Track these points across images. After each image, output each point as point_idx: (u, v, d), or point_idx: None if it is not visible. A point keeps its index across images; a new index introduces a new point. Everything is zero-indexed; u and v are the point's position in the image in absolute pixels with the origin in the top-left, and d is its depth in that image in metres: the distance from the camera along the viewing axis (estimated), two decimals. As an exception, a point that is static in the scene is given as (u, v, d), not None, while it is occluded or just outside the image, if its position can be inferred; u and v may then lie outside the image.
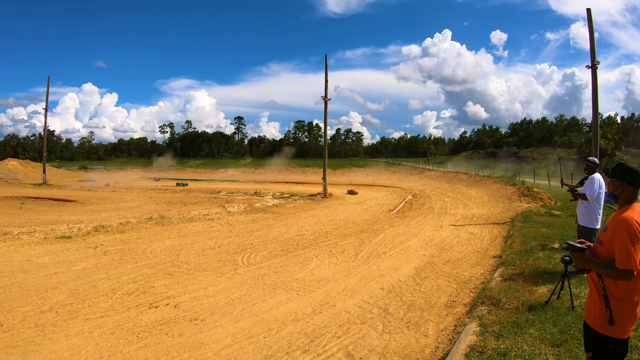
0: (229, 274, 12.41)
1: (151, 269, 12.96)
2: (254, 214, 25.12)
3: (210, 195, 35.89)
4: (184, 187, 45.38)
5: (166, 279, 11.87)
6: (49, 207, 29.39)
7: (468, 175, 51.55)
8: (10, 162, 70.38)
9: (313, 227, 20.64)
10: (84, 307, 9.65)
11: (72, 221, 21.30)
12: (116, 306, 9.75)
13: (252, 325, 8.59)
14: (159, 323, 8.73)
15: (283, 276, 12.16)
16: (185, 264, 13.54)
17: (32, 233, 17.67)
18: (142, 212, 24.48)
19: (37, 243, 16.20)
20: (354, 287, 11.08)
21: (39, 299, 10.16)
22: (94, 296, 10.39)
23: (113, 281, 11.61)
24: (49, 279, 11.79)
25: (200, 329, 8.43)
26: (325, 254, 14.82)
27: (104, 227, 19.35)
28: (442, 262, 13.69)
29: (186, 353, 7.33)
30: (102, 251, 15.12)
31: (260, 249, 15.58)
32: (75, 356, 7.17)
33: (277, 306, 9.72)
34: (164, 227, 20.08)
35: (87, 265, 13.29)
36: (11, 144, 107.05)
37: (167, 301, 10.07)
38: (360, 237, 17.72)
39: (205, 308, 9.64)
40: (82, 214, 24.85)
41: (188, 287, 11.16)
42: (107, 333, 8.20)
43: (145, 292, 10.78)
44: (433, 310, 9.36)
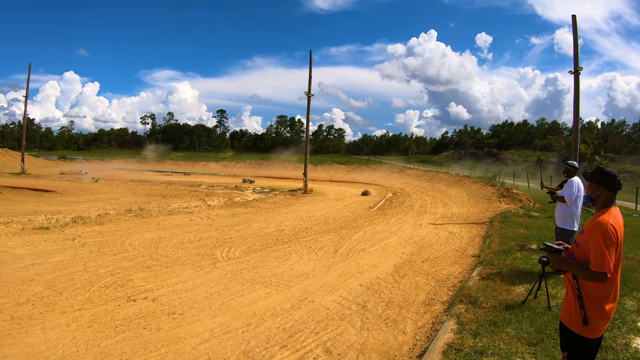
0: (208, 268, 12.38)
1: (130, 261, 12.85)
2: (234, 208, 25.03)
3: (190, 188, 35.54)
4: (165, 180, 44.79)
5: (145, 272, 11.79)
6: (27, 197, 28.72)
7: (448, 174, 52.13)
8: (-13, 150, 68.55)
9: (293, 222, 20.66)
10: (61, 300, 9.54)
11: (50, 212, 20.87)
12: (94, 299, 9.66)
13: (231, 320, 8.61)
14: (137, 317, 8.68)
15: (262, 271, 12.18)
16: (164, 257, 13.46)
17: (9, 223, 17.30)
18: (121, 204, 24.15)
19: (14, 234, 15.89)
20: (332, 284, 11.14)
21: (15, 290, 10.00)
22: (71, 289, 10.27)
23: (91, 274, 11.48)
24: (25, 270, 11.59)
25: (178, 323, 8.41)
26: (305, 250, 14.85)
27: (82, 219, 19.07)
28: (421, 260, 13.79)
29: (164, 347, 7.31)
30: (80, 243, 14.91)
31: (239, 244, 15.55)
32: (51, 350, 7.11)
33: (255, 301, 9.75)
34: (143, 219, 19.89)
35: (64, 257, 13.10)
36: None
37: (145, 295, 10.02)
38: (340, 234, 17.77)
39: (184, 302, 9.61)
40: (61, 205, 24.38)
41: (167, 281, 11.09)
42: (84, 326, 8.14)
43: (124, 285, 10.70)
44: (411, 307, 9.46)
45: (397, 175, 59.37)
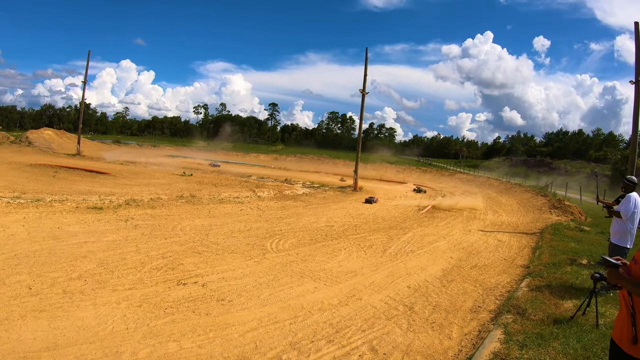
0: (258, 258, 12.69)
1: (180, 246, 13.32)
2: (284, 200, 25.41)
3: (241, 178, 36.41)
4: (215, 168, 46.08)
5: (195, 258, 12.18)
6: (82, 177, 30.51)
7: (499, 181, 51.20)
8: (45, 131, 73.14)
9: (342, 219, 20.87)
10: (112, 278, 10.04)
11: (103, 193, 22.02)
12: (144, 280, 10.11)
13: (279, 310, 8.81)
14: (187, 300, 9.00)
15: (311, 265, 12.39)
16: (215, 245, 13.85)
17: (64, 201, 18.38)
18: (173, 190, 25.10)
19: (69, 211, 16.87)
20: (380, 283, 11.24)
21: (68, 266, 10.62)
22: (123, 268, 10.80)
23: (142, 255, 12.03)
24: (79, 247, 12.30)
25: (227, 309, 8.68)
26: (354, 247, 15.04)
27: (135, 201, 19.95)
28: (469, 267, 13.74)
29: (212, 332, 7.55)
30: (133, 224, 15.61)
31: (289, 236, 15.85)
32: (102, 325, 7.47)
33: (304, 294, 9.94)
34: (194, 206, 20.54)
35: (117, 237, 13.78)
36: (47, 114, 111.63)
37: (195, 279, 10.36)
38: (389, 234, 17.89)
39: (233, 289, 9.90)
40: (114, 187, 25.67)
41: (216, 268, 11.45)
42: (134, 305, 8.51)
43: (174, 268, 11.13)
44: (458, 313, 9.43)
45: (447, 179, 58.50)
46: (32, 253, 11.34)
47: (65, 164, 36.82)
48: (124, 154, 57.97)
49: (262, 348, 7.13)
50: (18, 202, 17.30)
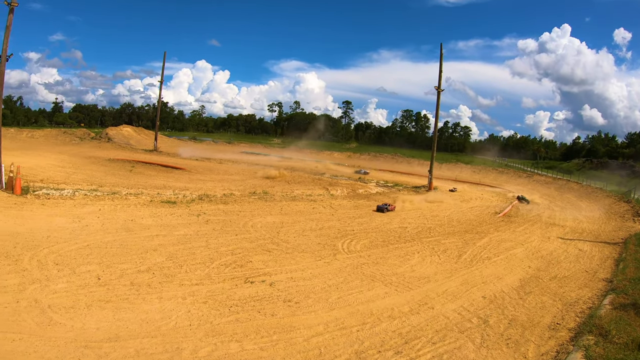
0: (328, 259, 12.52)
1: (250, 243, 13.40)
2: (357, 199, 25.12)
3: (314, 176, 36.52)
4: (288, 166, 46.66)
5: (264, 256, 12.18)
6: (158, 172, 32.01)
7: (579, 185, 47.62)
8: (124, 128, 78.10)
9: (416, 220, 20.35)
10: (180, 273, 10.23)
11: (178, 187, 22.84)
12: (212, 276, 10.21)
13: (347, 315, 8.60)
14: (253, 299, 8.95)
15: (383, 268, 12.09)
16: (285, 243, 13.81)
17: (139, 195, 19.22)
18: (246, 186, 25.54)
19: (143, 205, 17.61)
20: (454, 291, 10.84)
21: (138, 258, 10.99)
22: (191, 263, 11.00)
23: (212, 250, 12.21)
24: (150, 240, 12.72)
25: (293, 311, 8.55)
26: (427, 251, 14.63)
27: (208, 197, 20.48)
28: (548, 278, 12.92)
29: (276, 334, 7.44)
30: (204, 220, 15.97)
31: (361, 237, 15.59)
32: (165, 320, 7.54)
33: (373, 299, 9.68)
34: (267, 202, 20.73)
35: (188, 231, 14.14)
36: (127, 112, 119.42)
37: (263, 278, 10.30)
38: (464, 238, 17.26)
39: (301, 290, 9.77)
40: (188, 182, 26.59)
41: (285, 267, 11.39)
42: (199, 301, 8.57)
43: (243, 265, 11.17)
44: (535, 330, 8.85)
45: (524, 181, 55.42)
46: (104, 244, 11.85)
47: (142, 159, 38.85)
48: (199, 150, 60.35)
49: (327, 355, 6.95)
50: (95, 194, 18.32)
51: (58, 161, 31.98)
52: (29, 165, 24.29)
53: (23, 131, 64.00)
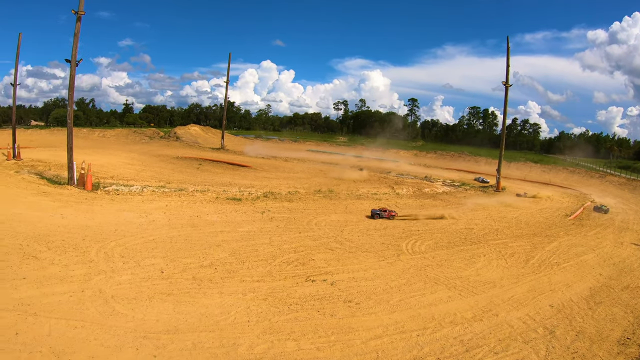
0: (391, 259, 12.34)
1: (314, 241, 13.43)
2: (423, 199, 24.57)
3: (380, 174, 36.18)
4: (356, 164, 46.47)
5: (327, 254, 12.17)
6: (224, 170, 32.92)
7: None
8: (192, 127, 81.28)
9: (483, 221, 19.55)
10: (242, 269, 10.45)
11: (243, 185, 23.37)
12: (273, 273, 10.34)
13: (407, 319, 8.46)
14: (313, 298, 8.97)
15: (447, 271, 11.80)
16: (348, 242, 13.73)
17: (206, 192, 19.82)
18: (311, 184, 25.69)
19: (209, 201, 18.14)
20: (520, 298, 10.40)
21: (201, 253, 11.34)
22: (254, 259, 11.22)
23: (275, 248, 12.38)
24: (214, 236, 13.09)
25: (353, 312, 8.48)
26: (494, 254, 14.10)
27: (273, 194, 20.78)
28: (619, 287, 12.09)
29: (334, 335, 7.42)
30: (269, 217, 16.21)
31: (425, 238, 15.26)
32: (224, 315, 7.70)
33: (436, 303, 9.48)
34: (331, 200, 20.73)
35: (252, 228, 14.42)
36: (195, 112, 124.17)
37: (324, 277, 10.30)
38: (533, 241, 16.48)
39: (362, 291, 9.67)
40: (254, 179, 27.12)
41: (348, 266, 11.32)
42: (259, 298, 8.69)
43: (305, 264, 11.22)
44: (604, 344, 8.35)
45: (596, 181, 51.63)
46: (169, 239, 12.32)
47: (209, 157, 40.09)
48: (265, 148, 61.52)
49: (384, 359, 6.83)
50: (162, 191, 19.10)
51: (128, 159, 33.70)
52: (100, 163, 25.75)
53: (95, 131, 68.16)
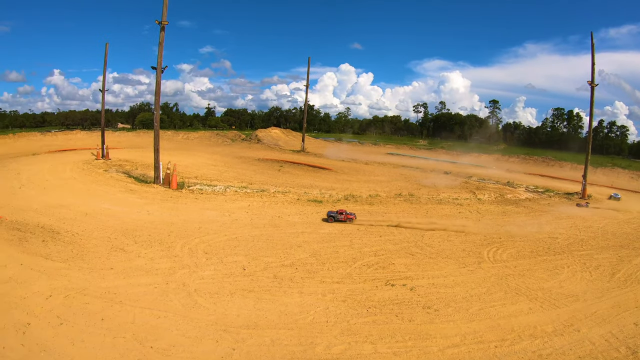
0: (472, 267, 11.99)
1: (394, 245, 13.32)
2: (505, 205, 23.53)
3: (461, 179, 35.16)
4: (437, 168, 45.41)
5: (407, 259, 12.02)
6: (305, 172, 33.38)
7: None
8: (273, 130, 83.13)
9: (567, 230, 18.34)
10: (322, 270, 10.58)
11: (324, 187, 23.59)
12: (353, 275, 10.38)
13: (486, 329, 8.20)
14: (392, 302, 8.90)
15: (529, 282, 11.26)
16: (429, 247, 13.47)
17: (287, 193, 20.22)
18: (392, 188, 25.46)
19: (290, 203, 18.50)
20: (604, 314, 9.71)
21: (283, 253, 11.61)
22: (334, 261, 11.31)
23: (355, 250, 12.40)
24: (295, 236, 13.36)
25: (431, 319, 8.35)
26: (578, 266, 13.25)
27: (353, 197, 20.83)
28: None
29: (411, 341, 7.33)
30: (349, 220, 16.19)
31: (507, 246, 14.62)
32: (303, 314, 7.82)
33: (516, 314, 9.08)
34: (412, 205, 20.43)
35: (332, 230, 14.55)
36: (275, 115, 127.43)
37: (404, 282, 10.17)
38: (619, 254, 15.28)
39: (441, 298, 9.49)
40: (335, 182, 27.28)
41: (428, 272, 11.13)
42: (338, 299, 8.75)
43: (385, 267, 11.16)
44: None
45: None
46: (251, 237, 12.72)
47: (290, 160, 40.81)
48: (345, 151, 61.70)
49: (461, 369, 6.61)
50: (245, 191, 19.72)
51: (211, 160, 35.12)
52: (184, 164, 27.05)
53: (179, 133, 71.65)
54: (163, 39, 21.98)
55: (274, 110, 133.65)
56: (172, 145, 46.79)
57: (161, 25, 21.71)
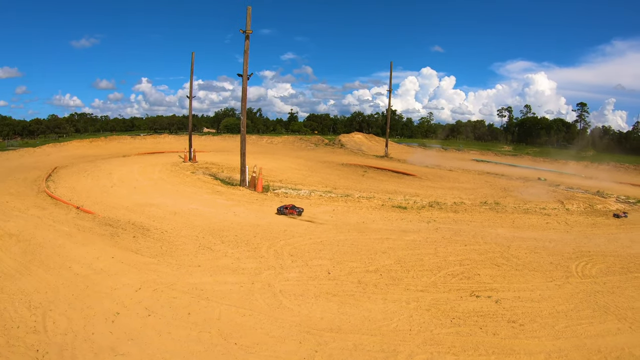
0: (559, 281, 11.42)
1: (479, 255, 13.00)
2: (595, 216, 22.00)
3: (548, 187, 33.40)
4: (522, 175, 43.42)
5: (493, 270, 11.71)
6: (389, 177, 33.33)
7: None
8: (356, 135, 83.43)
9: None
10: (407, 277, 10.58)
11: (408, 193, 23.45)
12: (438, 284, 10.28)
13: (571, 348, 7.81)
14: (476, 314, 8.75)
15: (618, 300, 10.48)
16: (515, 258, 13.01)
17: (371, 199, 20.32)
18: (477, 195, 24.84)
19: (374, 208, 18.58)
20: None
21: (367, 258, 11.73)
22: (418, 269, 11.25)
23: (440, 259, 12.26)
24: (380, 242, 13.41)
25: (516, 333, 8.12)
26: None
27: (438, 204, 20.54)
28: None
29: (494, 355, 7.21)
30: (434, 227, 16.09)
31: (597, 260, 13.66)
32: (387, 320, 7.91)
33: (603, 334, 8.53)
34: (498, 214, 19.80)
35: (417, 237, 14.44)
36: (357, 120, 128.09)
37: (489, 293, 9.95)
38: None
39: (527, 312, 9.16)
40: (419, 188, 27.03)
41: (514, 284, 10.78)
42: (422, 308, 8.74)
43: (470, 278, 10.96)
44: None
45: None
46: (336, 242, 12.96)
47: (374, 165, 40.80)
48: (428, 157, 60.66)
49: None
50: (329, 195, 20.05)
51: (295, 164, 35.88)
52: (269, 167, 27.89)
53: (263, 138, 73.73)
54: (248, 47, 22.93)
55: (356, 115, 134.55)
56: (257, 149, 48.34)
57: (245, 34, 22.66)
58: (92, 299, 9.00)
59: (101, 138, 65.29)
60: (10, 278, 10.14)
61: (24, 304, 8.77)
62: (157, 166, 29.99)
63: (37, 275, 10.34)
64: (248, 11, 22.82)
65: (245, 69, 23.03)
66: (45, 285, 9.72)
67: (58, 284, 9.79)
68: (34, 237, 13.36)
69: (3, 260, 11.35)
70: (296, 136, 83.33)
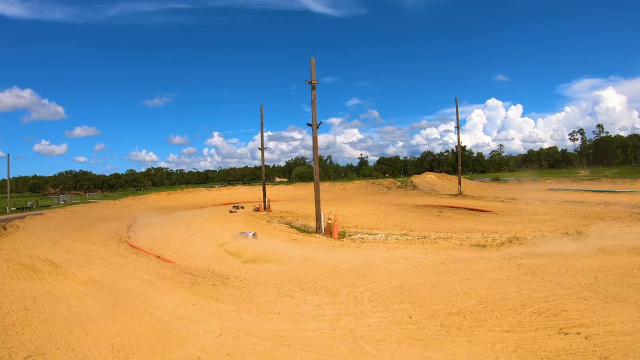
0: None
1: (565, 290, 12.28)
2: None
3: (631, 210, 30.77)
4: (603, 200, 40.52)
5: (580, 304, 10.99)
6: (465, 216, 32.47)
7: None
8: (428, 175, 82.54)
9: None
10: (491, 318, 10.18)
11: (486, 230, 22.76)
12: (524, 323, 9.80)
13: None
14: (565, 352, 8.26)
15: None
16: (603, 290, 12.16)
17: (448, 239, 19.92)
18: (557, 226, 23.62)
19: (453, 248, 18.21)
20: None
21: (449, 300, 11.41)
22: (502, 308, 10.80)
23: (524, 297, 11.70)
24: (460, 283, 13.04)
25: None
26: None
27: (517, 239, 19.75)
28: None
29: None
30: (516, 264, 15.43)
31: None
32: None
33: None
34: (581, 244, 18.63)
35: (499, 276, 13.91)
36: (427, 160, 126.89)
37: (578, 329, 9.35)
38: None
39: (619, 347, 8.48)
40: (496, 225, 26.14)
41: (603, 318, 10.03)
42: (509, 349, 8.37)
43: (557, 314, 10.35)
44: None
45: None
46: (416, 285, 12.75)
47: (448, 204, 40.00)
48: (503, 191, 58.60)
49: None
50: (406, 238, 19.85)
51: (369, 209, 35.83)
52: (343, 213, 28.02)
53: (335, 184, 74.45)
54: (315, 97, 23.65)
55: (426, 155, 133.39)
56: (330, 196, 48.88)
57: (311, 84, 23.41)
58: (173, 344, 9.31)
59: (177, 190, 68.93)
60: (94, 322, 10.80)
61: (107, 346, 9.25)
62: (234, 216, 31.04)
63: (120, 320, 10.91)
64: (312, 62, 23.61)
65: (314, 118, 23.68)
66: (128, 330, 10.21)
67: (140, 329, 10.26)
68: (117, 283, 14.21)
69: (87, 305, 12.11)
70: (368, 181, 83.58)
